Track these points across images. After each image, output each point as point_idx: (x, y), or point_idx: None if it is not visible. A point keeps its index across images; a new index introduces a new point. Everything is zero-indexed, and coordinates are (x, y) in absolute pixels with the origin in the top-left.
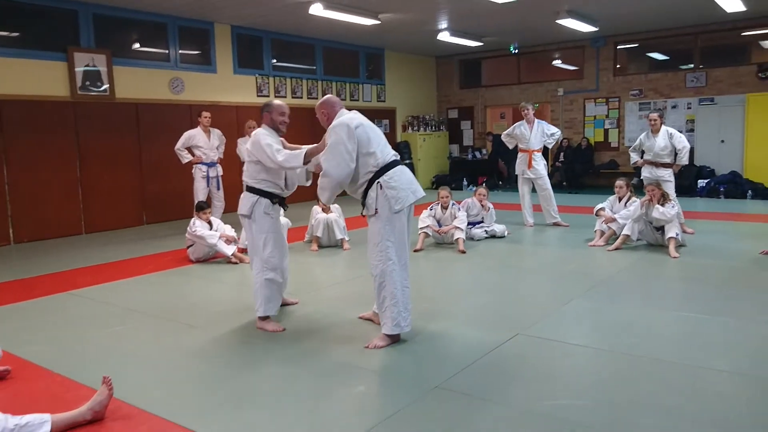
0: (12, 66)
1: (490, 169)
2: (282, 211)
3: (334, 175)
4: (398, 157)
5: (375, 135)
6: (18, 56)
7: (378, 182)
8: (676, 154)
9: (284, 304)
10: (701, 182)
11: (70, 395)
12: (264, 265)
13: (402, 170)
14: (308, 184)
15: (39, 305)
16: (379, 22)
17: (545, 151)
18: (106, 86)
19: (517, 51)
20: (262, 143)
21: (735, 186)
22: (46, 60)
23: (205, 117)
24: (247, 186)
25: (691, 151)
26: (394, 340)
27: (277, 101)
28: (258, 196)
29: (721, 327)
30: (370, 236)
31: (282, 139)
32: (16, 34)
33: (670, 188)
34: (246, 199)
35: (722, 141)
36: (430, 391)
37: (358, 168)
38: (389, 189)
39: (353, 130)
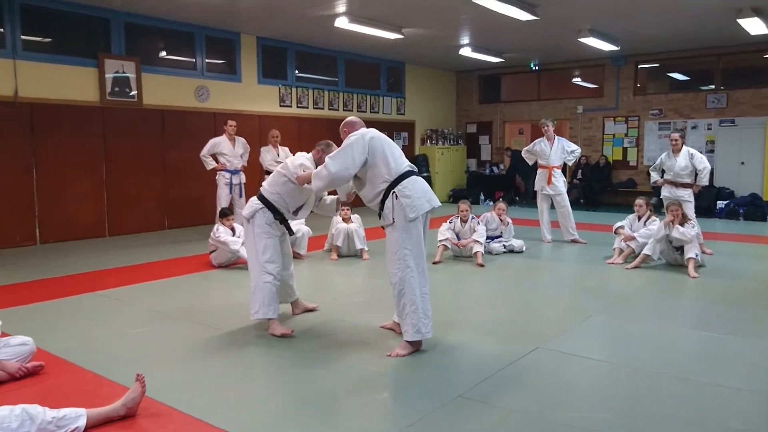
0: (45, 71)
1: (508, 185)
2: (287, 234)
3: (333, 171)
4: (414, 168)
5: (389, 146)
6: (51, 61)
7: (393, 192)
8: (696, 175)
9: (306, 311)
10: (720, 203)
11: (102, 391)
12: (262, 269)
13: (416, 180)
14: (337, 214)
15: (68, 304)
16: (402, 37)
17: (564, 168)
18: (134, 92)
19: (537, 68)
20: (303, 163)
21: (755, 208)
22: (78, 66)
23: (231, 125)
24: (259, 193)
25: (711, 173)
26: (416, 347)
27: (335, 147)
28: (264, 206)
29: (739, 346)
30: (388, 245)
31: None
32: (50, 39)
33: (689, 208)
34: (252, 204)
35: (742, 163)
36: (453, 400)
37: (372, 178)
38: (404, 198)
39: (366, 141)
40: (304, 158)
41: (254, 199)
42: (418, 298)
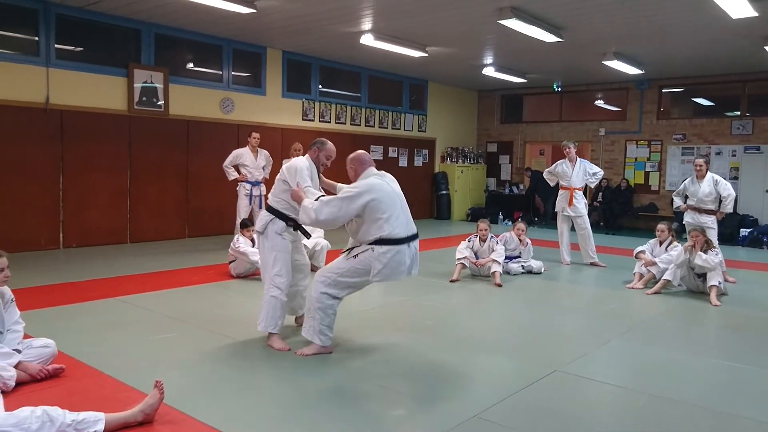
0: (76, 79)
1: (527, 205)
2: (302, 237)
3: (320, 218)
4: (412, 232)
5: (390, 207)
6: (83, 70)
7: (373, 247)
8: (720, 202)
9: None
10: (744, 231)
11: (121, 396)
12: (271, 282)
13: (400, 252)
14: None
15: (89, 308)
16: (426, 55)
17: (584, 190)
18: (161, 102)
19: (560, 89)
20: (299, 167)
21: None
22: (108, 75)
23: (255, 138)
24: (267, 205)
25: (735, 200)
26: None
27: (330, 144)
28: (274, 216)
29: (760, 377)
30: (332, 264)
31: (321, 176)
32: (82, 48)
33: (712, 235)
34: (263, 217)
35: (767, 191)
36: (469, 420)
37: (367, 228)
38: (376, 260)
39: (365, 202)
40: (302, 162)
41: (264, 212)
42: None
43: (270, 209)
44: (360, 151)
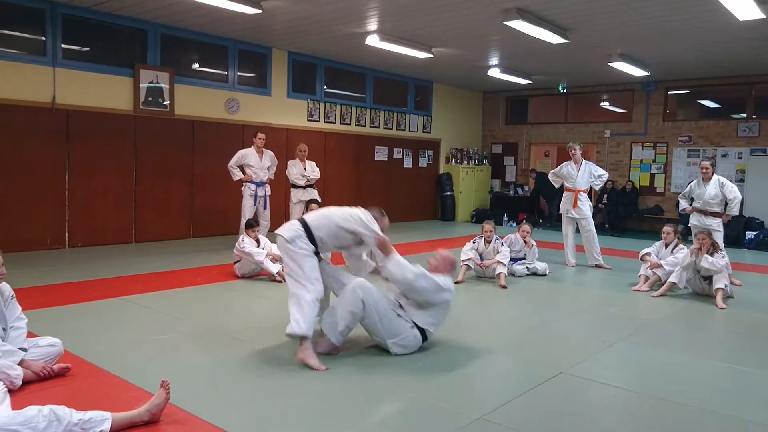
0: (83, 79)
1: (531, 207)
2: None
3: (416, 283)
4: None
5: None
6: (89, 70)
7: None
8: (726, 204)
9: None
10: (749, 234)
11: (127, 396)
12: (311, 286)
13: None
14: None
15: (95, 308)
16: (432, 56)
17: (589, 192)
18: (167, 102)
19: (565, 91)
20: (369, 218)
21: None
22: (114, 75)
23: (260, 138)
24: (303, 220)
25: (741, 202)
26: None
27: (387, 220)
28: (305, 234)
29: (767, 380)
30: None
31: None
32: (88, 49)
33: (718, 238)
34: (295, 228)
35: None
36: (474, 422)
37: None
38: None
39: (446, 300)
40: (369, 219)
41: (297, 224)
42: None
43: (305, 226)
44: (453, 257)
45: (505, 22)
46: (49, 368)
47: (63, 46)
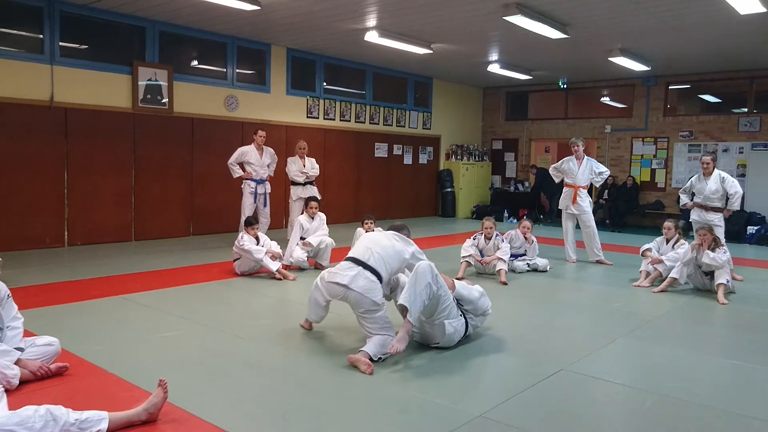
0: (81, 76)
1: (532, 203)
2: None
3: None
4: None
5: None
6: (87, 68)
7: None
8: (727, 199)
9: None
10: (751, 229)
11: (124, 395)
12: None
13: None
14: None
15: (94, 306)
16: (431, 52)
17: (590, 188)
18: (165, 100)
19: (565, 86)
20: (421, 256)
21: None
22: (112, 72)
23: (260, 136)
24: (375, 271)
25: (742, 197)
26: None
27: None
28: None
29: None
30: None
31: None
32: (86, 46)
33: (719, 233)
34: (377, 289)
35: None
36: (475, 419)
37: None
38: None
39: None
40: (425, 267)
41: (376, 283)
42: None
43: (379, 278)
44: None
45: (504, 18)
46: (47, 368)
47: (61, 43)
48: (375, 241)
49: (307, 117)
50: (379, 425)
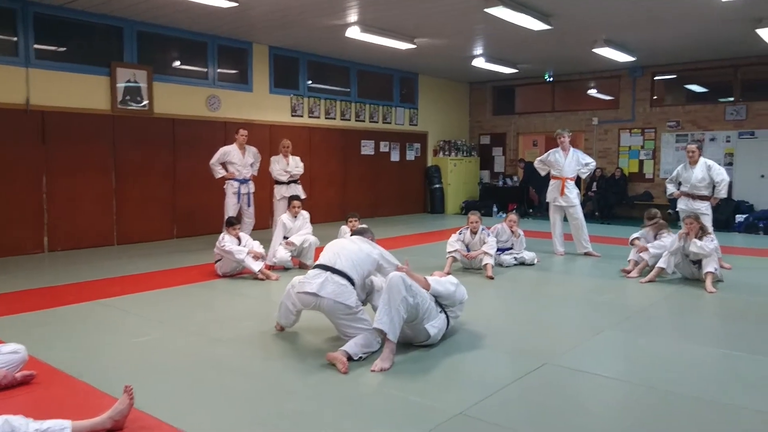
0: (57, 79)
1: (521, 197)
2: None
3: (458, 292)
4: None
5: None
6: (63, 70)
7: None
8: (714, 187)
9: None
10: (739, 217)
11: (93, 403)
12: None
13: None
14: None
15: (66, 313)
16: (415, 47)
17: (578, 180)
18: (145, 102)
19: (552, 79)
20: (390, 258)
21: None
22: (89, 74)
23: (242, 135)
24: (345, 275)
25: (730, 186)
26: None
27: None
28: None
29: (758, 366)
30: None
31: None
32: (62, 48)
33: (706, 221)
34: (348, 292)
35: (762, 176)
36: (454, 417)
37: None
38: None
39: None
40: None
41: (348, 287)
42: None
43: (352, 282)
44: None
45: (486, 10)
46: (11, 376)
47: (36, 46)
48: (341, 246)
49: (292, 115)
50: (356, 426)
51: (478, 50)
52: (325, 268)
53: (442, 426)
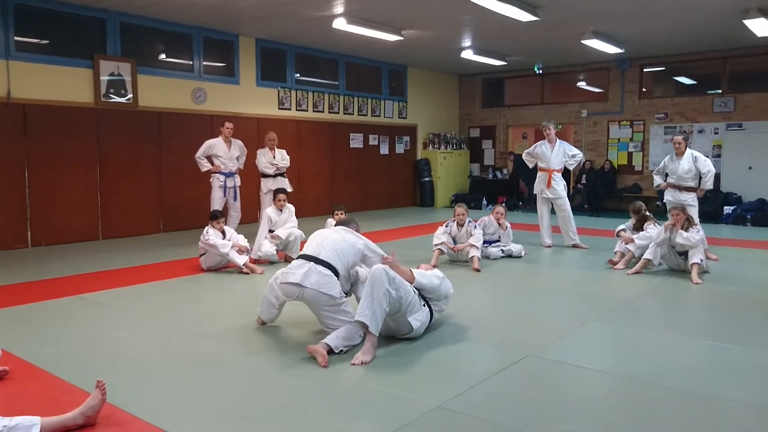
0: (39, 71)
1: (511, 190)
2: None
3: (442, 286)
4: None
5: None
6: (45, 62)
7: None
8: (700, 178)
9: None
10: (727, 209)
11: (67, 399)
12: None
13: None
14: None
15: (46, 308)
16: (402, 39)
17: (567, 173)
18: (130, 95)
19: (541, 71)
20: (375, 248)
21: (762, 214)
22: (72, 67)
23: (228, 128)
24: (329, 265)
25: (718, 177)
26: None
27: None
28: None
29: (744, 357)
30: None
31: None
32: (45, 41)
33: (693, 213)
34: (332, 283)
35: (750, 167)
36: (432, 411)
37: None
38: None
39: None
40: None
41: (332, 277)
42: None
43: (336, 273)
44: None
45: (472, 0)
46: None
47: (16, 38)
48: (325, 236)
49: (279, 108)
50: (335, 420)
51: (467, 42)
52: (308, 258)
53: (422, 419)
